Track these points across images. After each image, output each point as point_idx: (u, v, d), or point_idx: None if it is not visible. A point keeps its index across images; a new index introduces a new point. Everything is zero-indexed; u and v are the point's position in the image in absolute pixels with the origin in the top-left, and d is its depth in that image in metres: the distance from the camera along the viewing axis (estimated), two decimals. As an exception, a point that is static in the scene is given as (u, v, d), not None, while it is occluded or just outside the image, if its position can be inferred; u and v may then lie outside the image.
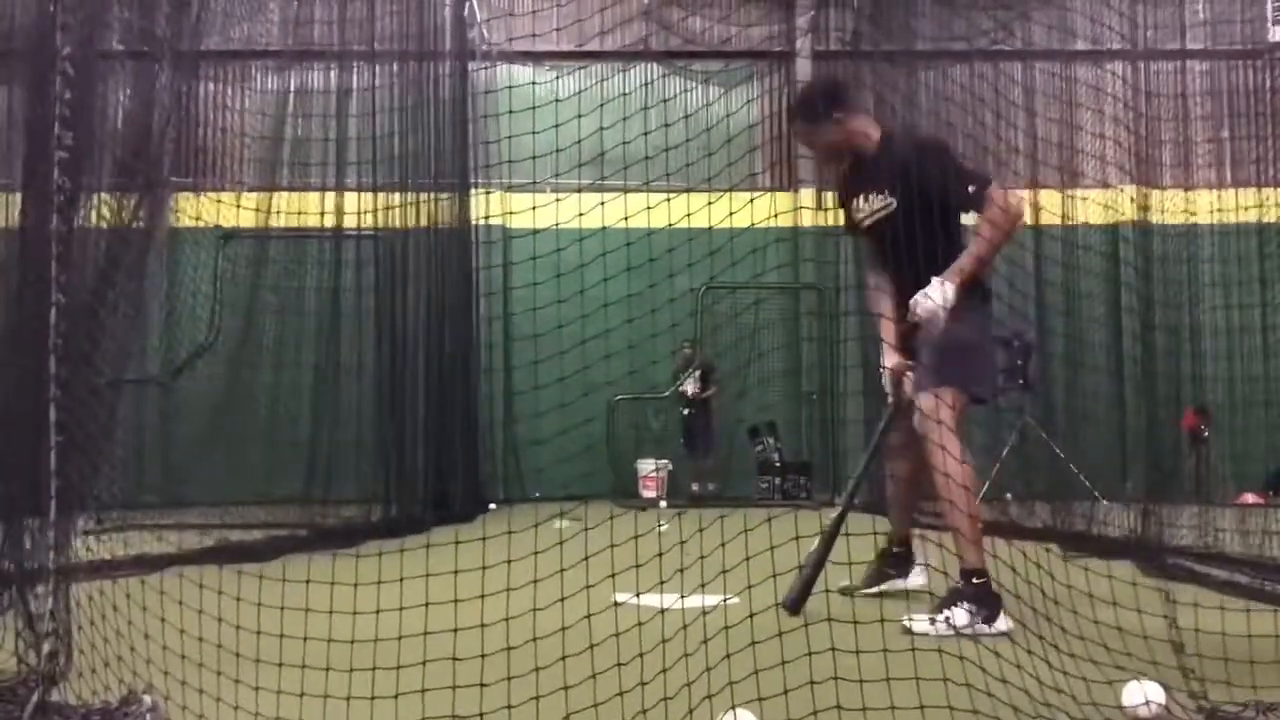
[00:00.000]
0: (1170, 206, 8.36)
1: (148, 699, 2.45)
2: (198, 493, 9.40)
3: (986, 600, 3.73)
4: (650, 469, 14.03)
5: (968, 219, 4.14)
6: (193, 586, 2.84)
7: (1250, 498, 11.41)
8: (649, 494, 13.69)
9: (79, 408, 3.02)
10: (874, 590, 4.45)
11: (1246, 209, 9.81)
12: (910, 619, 3.68)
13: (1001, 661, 2.55)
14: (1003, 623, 3.66)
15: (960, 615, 3.67)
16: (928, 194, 3.99)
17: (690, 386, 13.69)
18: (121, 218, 3.91)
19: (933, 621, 3.68)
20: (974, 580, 3.76)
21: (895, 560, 4.61)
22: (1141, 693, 2.42)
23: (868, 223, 4.31)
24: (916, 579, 4.55)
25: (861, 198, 4.31)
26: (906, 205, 4.08)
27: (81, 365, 3.14)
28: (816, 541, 3.87)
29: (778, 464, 13.62)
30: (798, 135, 4.33)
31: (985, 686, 2.42)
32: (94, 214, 3.70)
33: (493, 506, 11.37)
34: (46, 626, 2.78)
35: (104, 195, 3.81)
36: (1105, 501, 8.91)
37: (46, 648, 2.75)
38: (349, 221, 9.52)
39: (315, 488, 9.21)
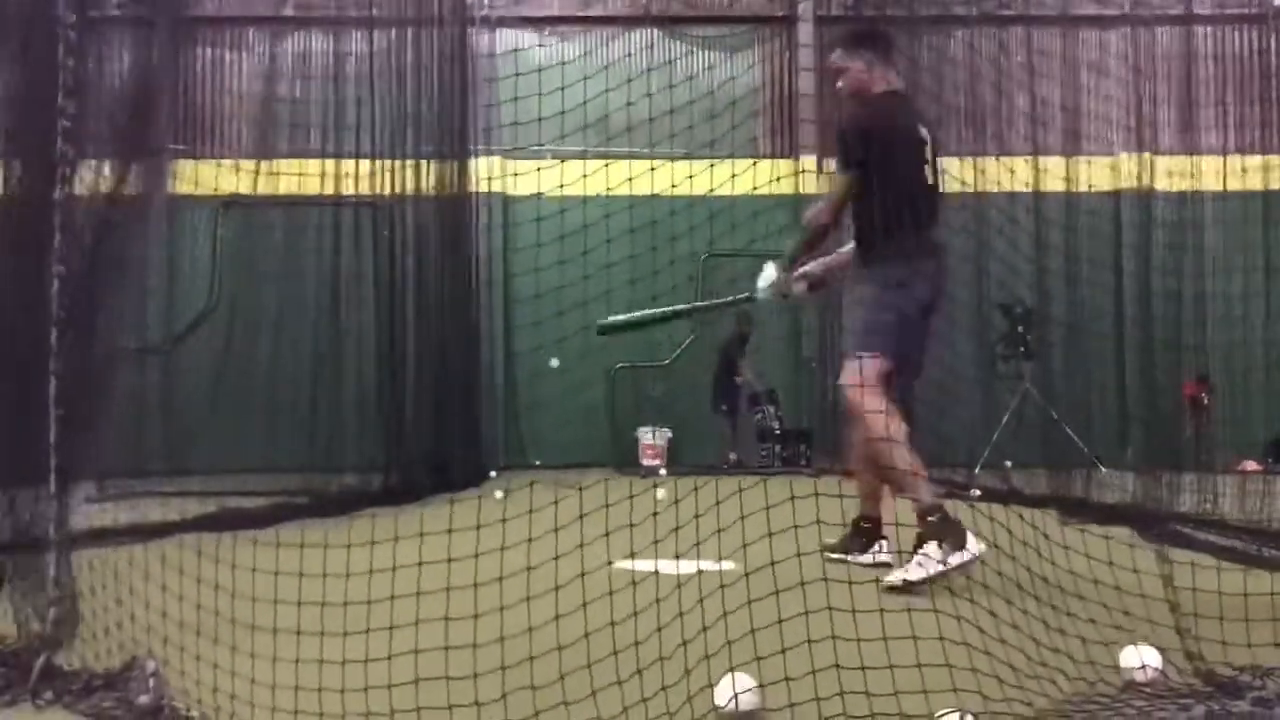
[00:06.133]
0: (1174, 171, 8.32)
1: (150, 664, 2.46)
2: (199, 460, 9.42)
3: (948, 529, 3.80)
4: (650, 437, 14.04)
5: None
6: (193, 554, 2.85)
7: (1250, 465, 11.42)
8: (649, 462, 13.71)
9: (80, 377, 3.03)
10: (837, 558, 4.39)
11: (1251, 174, 9.76)
12: (886, 578, 3.76)
13: (999, 622, 2.56)
14: (973, 545, 3.74)
15: (930, 550, 3.76)
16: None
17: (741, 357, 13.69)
18: (119, 185, 3.89)
19: (906, 567, 3.77)
20: (929, 518, 3.85)
21: (857, 534, 4.57)
22: (1138, 656, 2.44)
23: None
24: (873, 558, 4.50)
25: None
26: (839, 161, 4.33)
27: (82, 334, 3.13)
28: None
29: (777, 431, 13.63)
30: (831, 65, 4.49)
31: (983, 646, 2.43)
32: (92, 181, 3.68)
33: (493, 474, 11.39)
34: (50, 593, 2.80)
35: (103, 162, 3.79)
36: (1105, 468, 8.93)
37: (51, 614, 2.77)
38: (349, 187, 9.49)
39: (316, 455, 9.23)
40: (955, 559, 3.70)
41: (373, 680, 2.27)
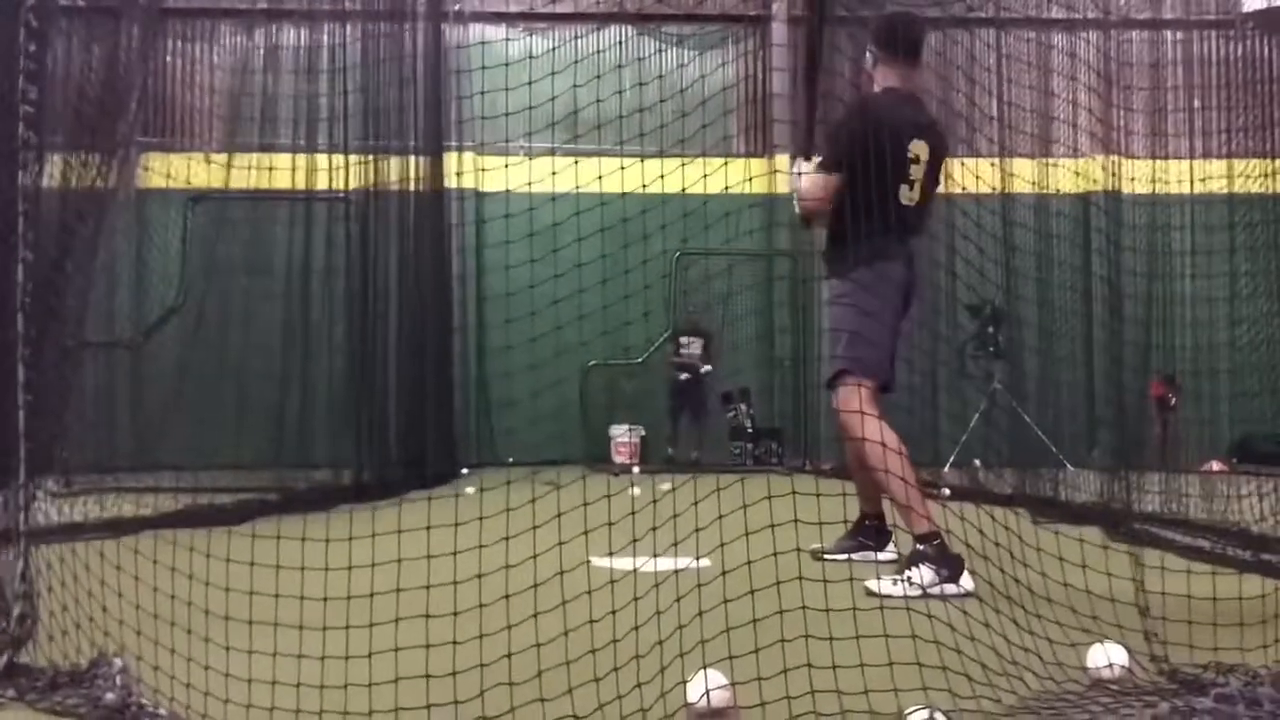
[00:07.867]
0: (1141, 175, 8.42)
1: (118, 661, 2.44)
2: (168, 456, 9.33)
3: (946, 560, 3.79)
4: (623, 434, 14.05)
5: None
6: (164, 546, 2.83)
7: (1215, 465, 11.57)
8: (621, 459, 13.72)
9: (47, 368, 2.99)
10: (844, 558, 4.47)
11: (1216, 179, 9.89)
12: (876, 579, 3.72)
13: (969, 620, 2.59)
14: (966, 581, 3.72)
15: (925, 574, 3.74)
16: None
17: (692, 352, 13.72)
18: (88, 177, 3.85)
19: (895, 582, 3.73)
20: (931, 542, 3.83)
21: (869, 533, 4.67)
22: (1105, 655, 2.47)
23: None
24: (890, 553, 4.60)
25: None
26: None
27: (49, 325, 3.10)
28: None
29: (750, 430, 13.68)
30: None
31: (954, 645, 2.45)
32: (60, 172, 3.64)
33: (465, 471, 11.36)
34: (16, 589, 2.77)
35: (70, 154, 3.75)
36: (1073, 468, 9.02)
37: (16, 610, 2.73)
38: (320, 182, 9.42)
39: (286, 451, 9.18)
40: (947, 588, 3.66)
41: (340, 676, 2.26)
